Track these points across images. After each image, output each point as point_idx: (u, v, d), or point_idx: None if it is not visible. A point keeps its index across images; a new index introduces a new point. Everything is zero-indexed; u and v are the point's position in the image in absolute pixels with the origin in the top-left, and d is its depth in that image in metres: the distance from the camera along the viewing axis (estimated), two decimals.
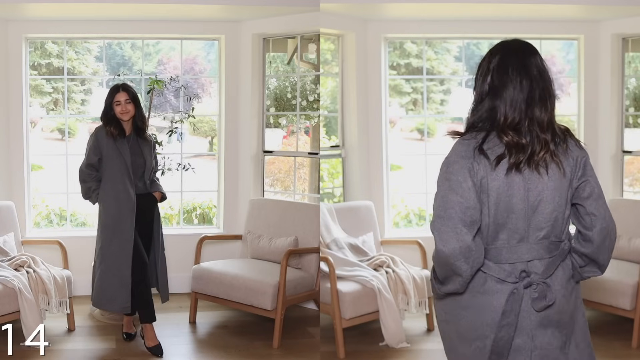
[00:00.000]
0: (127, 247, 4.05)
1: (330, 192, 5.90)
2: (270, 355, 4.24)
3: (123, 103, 4.10)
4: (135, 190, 4.15)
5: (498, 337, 2.15)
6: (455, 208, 2.08)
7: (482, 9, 5.09)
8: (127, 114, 4.12)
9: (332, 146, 5.61)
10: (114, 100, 4.11)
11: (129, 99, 4.11)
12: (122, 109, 4.10)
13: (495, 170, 2.10)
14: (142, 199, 4.17)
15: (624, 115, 5.55)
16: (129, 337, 4.39)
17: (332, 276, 4.22)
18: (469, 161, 2.11)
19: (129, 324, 4.43)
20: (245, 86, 5.65)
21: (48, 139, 7.60)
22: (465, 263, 2.08)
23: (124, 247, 4.06)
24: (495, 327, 2.15)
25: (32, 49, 5.99)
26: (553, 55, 6.13)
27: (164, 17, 5.42)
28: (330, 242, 4.78)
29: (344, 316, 4.24)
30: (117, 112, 4.12)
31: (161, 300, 4.31)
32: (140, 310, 4.15)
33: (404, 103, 7.22)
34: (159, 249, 4.26)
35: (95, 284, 4.17)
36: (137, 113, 4.17)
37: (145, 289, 4.12)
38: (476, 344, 2.19)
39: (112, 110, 4.12)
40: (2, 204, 4.99)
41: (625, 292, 4.35)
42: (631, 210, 5.05)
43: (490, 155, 2.10)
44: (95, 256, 4.21)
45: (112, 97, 4.12)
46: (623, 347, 4.31)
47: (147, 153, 4.22)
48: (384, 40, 5.55)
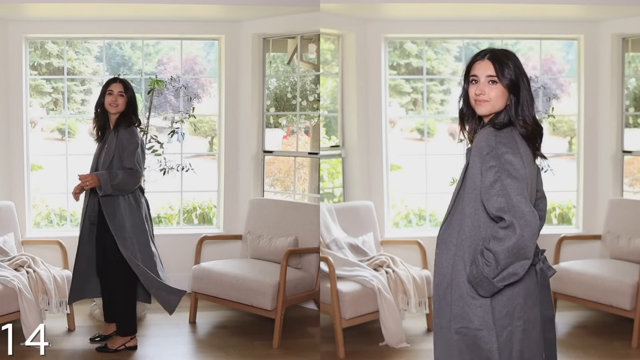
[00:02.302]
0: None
1: (330, 192, 5.90)
2: (270, 355, 4.24)
3: (115, 94, 3.98)
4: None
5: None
6: (524, 193, 2.25)
7: (482, 9, 5.10)
8: (116, 107, 3.98)
9: (332, 146, 5.61)
10: (107, 89, 4.00)
11: (122, 91, 3.98)
12: (112, 100, 3.97)
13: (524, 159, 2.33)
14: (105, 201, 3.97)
15: (624, 115, 5.55)
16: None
17: (332, 276, 4.22)
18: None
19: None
20: (245, 86, 5.65)
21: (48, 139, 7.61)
22: (534, 244, 2.27)
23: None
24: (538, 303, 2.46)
25: (32, 49, 5.99)
26: (553, 55, 6.13)
27: (164, 17, 5.42)
28: (330, 242, 4.78)
29: (344, 316, 4.24)
30: (106, 103, 3.99)
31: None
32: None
33: (404, 103, 7.22)
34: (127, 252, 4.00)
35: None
36: (127, 110, 4.01)
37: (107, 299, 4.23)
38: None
39: (103, 99, 4.01)
40: (2, 204, 4.99)
41: (625, 292, 4.35)
42: (631, 210, 5.05)
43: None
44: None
45: (107, 86, 4.02)
46: (623, 347, 4.31)
47: (112, 150, 3.96)
48: (384, 40, 5.55)
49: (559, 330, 4.61)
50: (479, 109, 2.41)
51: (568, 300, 4.73)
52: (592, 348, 4.28)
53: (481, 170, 2.30)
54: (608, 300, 4.45)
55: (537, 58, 5.66)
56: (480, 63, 2.41)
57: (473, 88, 2.41)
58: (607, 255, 5.06)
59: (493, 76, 2.37)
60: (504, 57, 2.39)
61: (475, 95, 2.39)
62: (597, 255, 5.19)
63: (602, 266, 4.72)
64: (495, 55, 2.40)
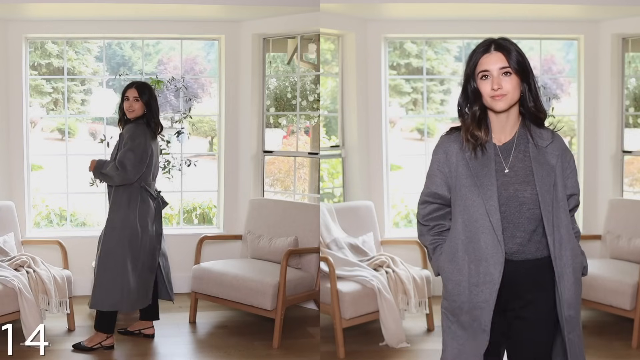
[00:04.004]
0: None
1: (330, 192, 5.90)
2: (270, 355, 4.24)
3: (131, 100, 4.12)
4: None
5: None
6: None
7: (482, 9, 5.10)
8: (132, 112, 4.12)
9: (332, 146, 5.61)
10: (125, 95, 4.16)
11: (137, 96, 4.10)
12: (128, 105, 4.12)
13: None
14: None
15: (624, 115, 5.55)
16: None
17: (332, 276, 4.22)
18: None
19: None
20: (245, 86, 5.65)
21: (48, 139, 7.61)
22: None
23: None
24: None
25: (32, 49, 5.99)
26: (553, 55, 6.13)
27: (164, 17, 5.42)
28: (330, 242, 4.78)
29: (344, 316, 4.24)
30: (124, 108, 4.15)
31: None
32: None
33: (404, 103, 7.22)
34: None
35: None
36: (144, 115, 4.14)
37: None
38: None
39: (122, 104, 4.18)
40: (2, 204, 4.99)
41: (625, 292, 4.35)
42: (631, 210, 5.05)
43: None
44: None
45: (124, 92, 4.18)
46: (623, 347, 4.31)
47: (117, 144, 4.20)
48: (384, 40, 5.55)
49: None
50: (498, 105, 2.27)
51: None
52: (592, 348, 4.28)
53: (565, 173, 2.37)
54: (608, 300, 4.45)
55: (537, 58, 5.66)
56: (489, 56, 2.27)
57: (486, 84, 2.26)
58: (607, 255, 5.06)
59: (506, 67, 2.24)
60: (508, 43, 2.28)
61: (492, 90, 2.25)
62: (597, 255, 5.19)
63: (602, 266, 4.72)
64: (500, 44, 2.28)
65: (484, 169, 2.31)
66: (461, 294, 2.35)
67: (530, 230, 2.30)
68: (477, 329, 2.33)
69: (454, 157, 2.38)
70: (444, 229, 2.49)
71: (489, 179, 2.29)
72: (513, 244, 2.31)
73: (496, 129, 2.36)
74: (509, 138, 2.35)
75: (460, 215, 2.36)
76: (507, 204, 2.29)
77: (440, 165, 2.43)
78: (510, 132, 2.35)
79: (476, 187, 2.31)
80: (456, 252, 2.37)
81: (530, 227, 2.30)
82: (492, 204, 2.28)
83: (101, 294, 4.04)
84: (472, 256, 2.32)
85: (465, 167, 2.35)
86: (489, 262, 2.29)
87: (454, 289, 2.38)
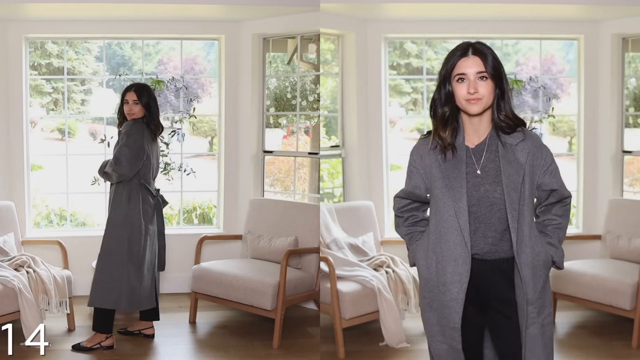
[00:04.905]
0: None
1: (330, 192, 5.90)
2: (270, 355, 4.24)
3: (130, 103, 4.13)
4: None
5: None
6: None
7: (482, 9, 5.09)
8: (132, 115, 4.13)
9: (332, 146, 5.61)
10: (124, 98, 4.17)
11: (136, 99, 4.12)
12: (128, 109, 4.14)
13: None
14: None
15: (624, 115, 5.55)
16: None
17: (332, 276, 4.22)
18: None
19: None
20: (245, 86, 5.65)
21: (48, 139, 7.60)
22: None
23: None
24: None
25: (32, 49, 5.98)
26: (553, 55, 6.12)
27: (164, 17, 5.42)
28: (330, 242, 4.78)
29: (344, 316, 4.24)
30: (124, 111, 4.17)
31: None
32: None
33: (404, 103, 7.21)
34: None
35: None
36: (144, 117, 4.15)
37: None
38: None
39: (122, 107, 4.19)
40: (2, 204, 4.99)
41: (625, 292, 4.35)
42: (631, 210, 5.05)
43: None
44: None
45: (123, 95, 4.19)
46: (623, 347, 4.31)
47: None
48: (384, 40, 5.55)
49: (558, 330, 4.62)
50: (472, 109, 2.30)
51: (568, 300, 4.72)
52: (592, 348, 4.28)
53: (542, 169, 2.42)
54: (608, 300, 4.45)
55: (537, 58, 5.66)
56: (466, 60, 2.29)
57: (462, 87, 2.29)
58: (607, 255, 5.06)
59: (483, 72, 2.27)
60: (484, 48, 2.31)
61: (468, 94, 2.28)
62: (597, 255, 5.19)
63: (602, 266, 4.72)
64: (478, 49, 2.30)
65: (454, 171, 2.35)
66: (431, 291, 2.43)
67: (502, 229, 2.34)
68: (445, 326, 2.41)
69: (428, 159, 2.43)
70: (417, 219, 2.57)
71: (459, 181, 2.33)
72: (485, 243, 2.35)
73: (469, 132, 2.40)
74: (482, 140, 2.39)
75: (434, 215, 2.44)
76: (478, 204, 2.33)
77: (416, 166, 2.49)
78: (483, 134, 2.40)
79: (447, 189, 2.35)
80: (427, 250, 2.45)
81: (501, 226, 2.34)
82: (460, 206, 2.32)
83: (100, 292, 4.04)
84: (440, 256, 2.37)
85: (438, 169, 2.39)
86: (457, 261, 2.34)
87: (424, 286, 2.47)
